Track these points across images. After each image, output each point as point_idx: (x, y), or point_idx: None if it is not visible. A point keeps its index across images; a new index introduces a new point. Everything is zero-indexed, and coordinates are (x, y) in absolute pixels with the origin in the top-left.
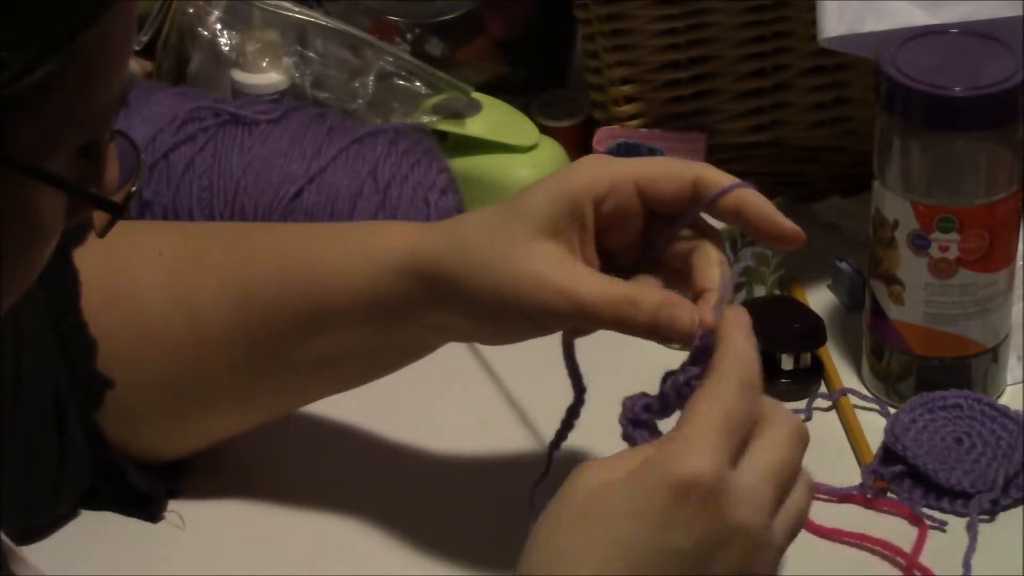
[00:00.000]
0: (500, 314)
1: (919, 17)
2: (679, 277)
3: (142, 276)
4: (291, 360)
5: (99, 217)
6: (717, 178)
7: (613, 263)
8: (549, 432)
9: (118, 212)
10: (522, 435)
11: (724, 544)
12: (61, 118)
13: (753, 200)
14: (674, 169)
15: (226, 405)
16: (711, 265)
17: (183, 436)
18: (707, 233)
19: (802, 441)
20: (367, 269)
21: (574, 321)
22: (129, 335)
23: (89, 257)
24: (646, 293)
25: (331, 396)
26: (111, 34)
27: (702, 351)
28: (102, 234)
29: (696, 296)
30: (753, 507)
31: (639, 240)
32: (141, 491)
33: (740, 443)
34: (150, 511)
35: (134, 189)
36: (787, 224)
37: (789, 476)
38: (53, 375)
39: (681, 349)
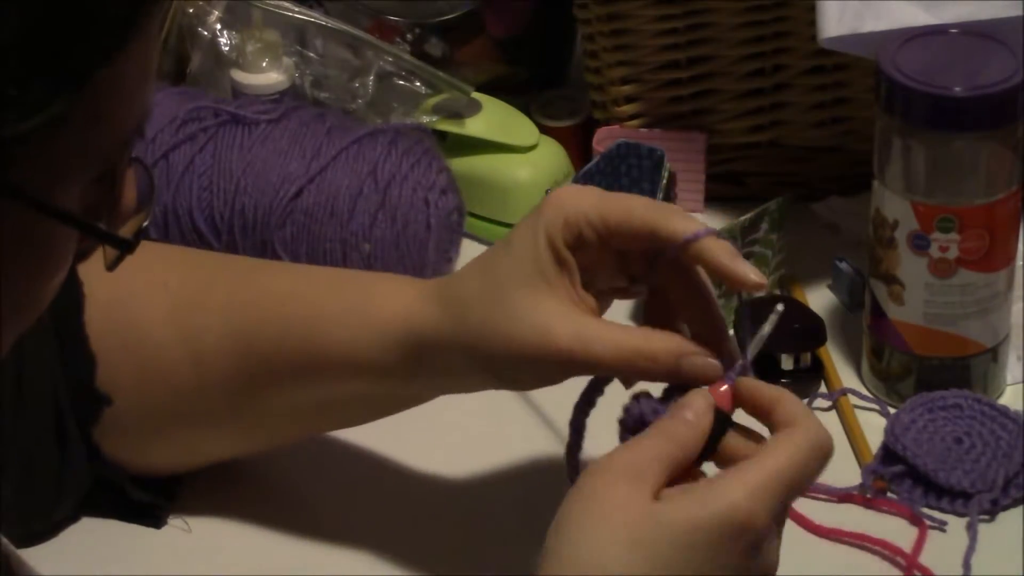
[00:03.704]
0: (509, 373)
1: (919, 17)
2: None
3: (146, 308)
4: (291, 404)
5: (108, 250)
6: (675, 228)
7: (592, 290)
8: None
9: (127, 249)
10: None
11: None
12: (73, 152)
13: (710, 251)
14: (633, 220)
15: (223, 438)
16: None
17: (178, 457)
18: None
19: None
20: (366, 335)
21: (588, 374)
22: (130, 363)
23: (94, 273)
24: (661, 345)
25: None
26: (127, 70)
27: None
28: (111, 268)
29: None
30: (768, 516)
31: (616, 271)
32: (140, 502)
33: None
34: (154, 518)
35: (145, 224)
36: (745, 274)
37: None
38: (53, 383)
39: None
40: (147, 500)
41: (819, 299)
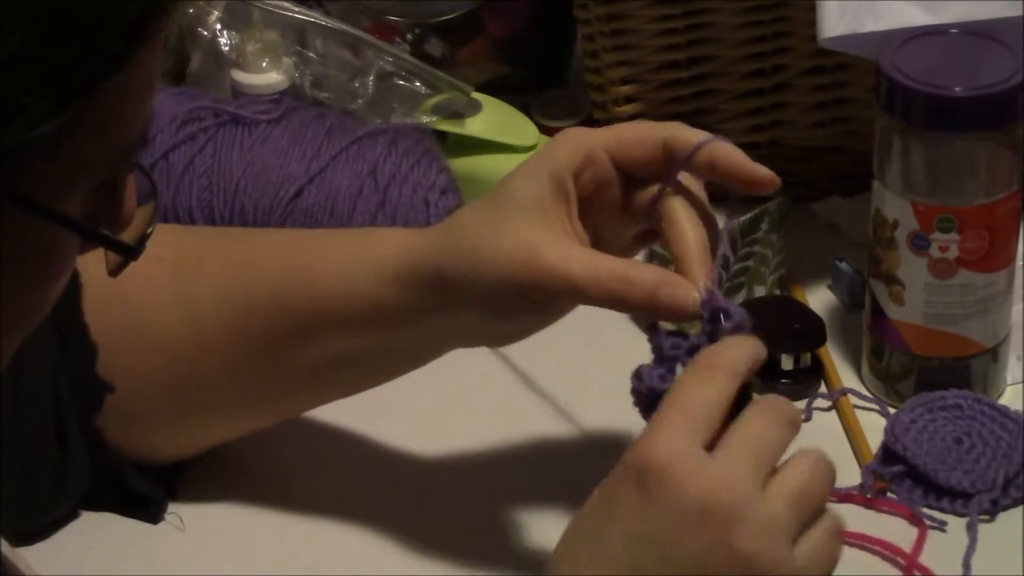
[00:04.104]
0: (499, 301)
1: (919, 17)
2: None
3: (144, 280)
4: (290, 365)
5: (111, 255)
6: (688, 136)
7: (603, 246)
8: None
9: (131, 254)
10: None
11: (738, 570)
12: (78, 160)
13: (724, 152)
14: (645, 132)
15: (225, 410)
16: (681, 231)
17: (181, 440)
18: (679, 195)
19: (829, 471)
20: (366, 273)
21: (569, 299)
22: (129, 339)
23: (90, 259)
24: (639, 270)
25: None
26: (133, 80)
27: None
28: (113, 273)
29: (673, 263)
30: (772, 535)
31: (622, 216)
32: (140, 494)
33: (710, 426)
34: (150, 513)
35: (150, 231)
36: (760, 170)
37: (812, 504)
38: (53, 378)
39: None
40: (146, 492)
41: (819, 299)
